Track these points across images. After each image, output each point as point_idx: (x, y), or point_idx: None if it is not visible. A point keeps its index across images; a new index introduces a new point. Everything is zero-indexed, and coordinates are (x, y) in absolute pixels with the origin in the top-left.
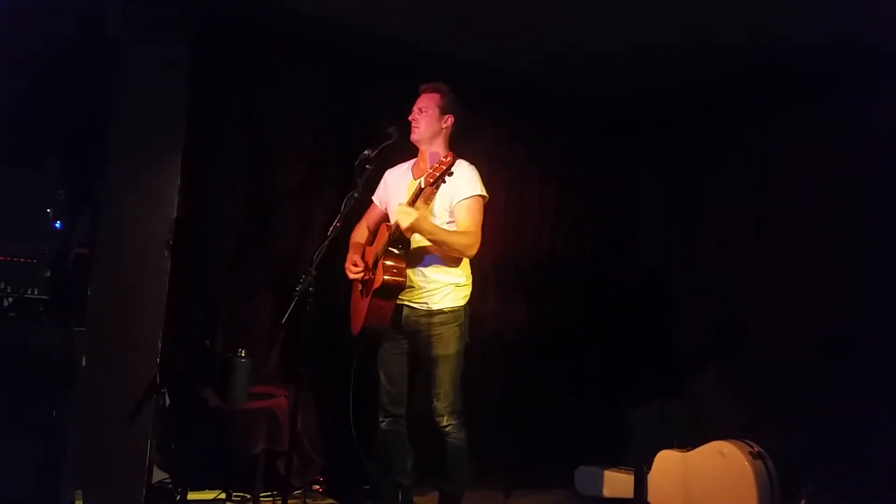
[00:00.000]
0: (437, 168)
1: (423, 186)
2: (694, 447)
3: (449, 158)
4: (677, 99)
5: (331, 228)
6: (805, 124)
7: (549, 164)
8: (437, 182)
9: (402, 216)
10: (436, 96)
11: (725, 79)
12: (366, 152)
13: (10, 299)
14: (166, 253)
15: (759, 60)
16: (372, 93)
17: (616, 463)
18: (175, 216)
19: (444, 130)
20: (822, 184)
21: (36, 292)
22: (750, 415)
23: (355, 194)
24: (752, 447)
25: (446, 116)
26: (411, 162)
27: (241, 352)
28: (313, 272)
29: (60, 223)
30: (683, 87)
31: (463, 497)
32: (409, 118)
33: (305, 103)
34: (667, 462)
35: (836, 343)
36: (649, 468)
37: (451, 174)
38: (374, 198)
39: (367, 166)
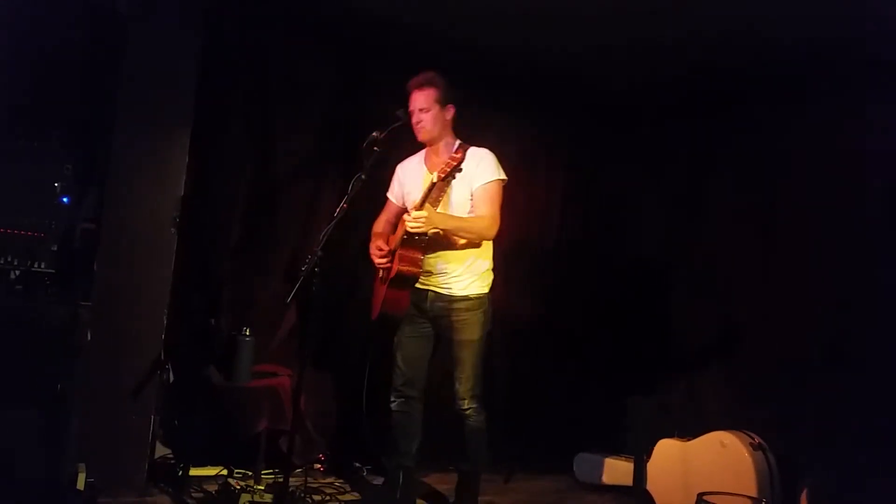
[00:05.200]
0: (447, 164)
1: (434, 182)
2: (694, 437)
3: (459, 155)
4: (686, 91)
5: (337, 210)
6: (808, 122)
7: (557, 154)
8: (448, 178)
9: (413, 223)
10: (433, 91)
11: (733, 72)
12: (374, 134)
13: (17, 273)
14: (173, 230)
15: (767, 54)
16: (380, 75)
17: (616, 451)
18: (182, 194)
19: (448, 122)
20: (825, 181)
21: (42, 266)
22: (751, 406)
23: (362, 176)
24: (753, 438)
25: (447, 107)
26: (422, 154)
27: (245, 330)
28: (319, 253)
29: (68, 198)
30: (691, 79)
31: (481, 477)
32: (412, 120)
33: (313, 84)
34: (667, 451)
35: (839, 336)
36: (649, 457)
37: (460, 170)
38: (388, 194)
39: (375, 148)
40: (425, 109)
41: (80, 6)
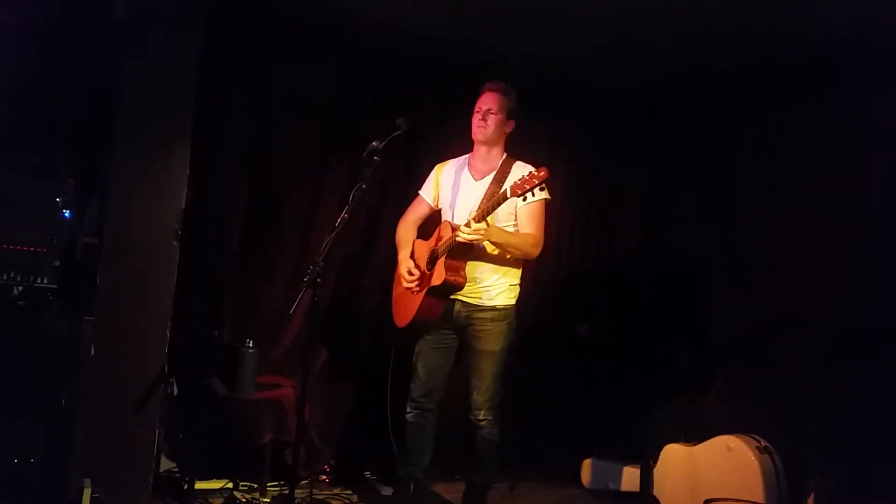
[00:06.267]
0: (527, 181)
1: (508, 196)
2: (700, 441)
3: (543, 174)
4: (686, 92)
5: (339, 220)
6: (809, 122)
7: (560, 156)
8: (525, 194)
9: (472, 235)
10: (505, 100)
11: (750, 69)
12: (373, 144)
13: (20, 288)
14: (175, 243)
15: (794, 47)
16: (380, 84)
17: (622, 456)
18: (183, 206)
19: (505, 135)
20: (825, 183)
21: (45, 281)
22: (757, 409)
23: (363, 186)
24: (759, 441)
25: (510, 122)
26: (464, 159)
27: (248, 342)
28: (321, 263)
29: (69, 212)
30: (693, 80)
31: (490, 488)
32: (477, 117)
33: (313, 94)
34: (673, 456)
35: (844, 338)
36: (655, 462)
37: (542, 189)
38: (422, 193)
39: (375, 158)
40: (493, 112)
41: (79, 19)
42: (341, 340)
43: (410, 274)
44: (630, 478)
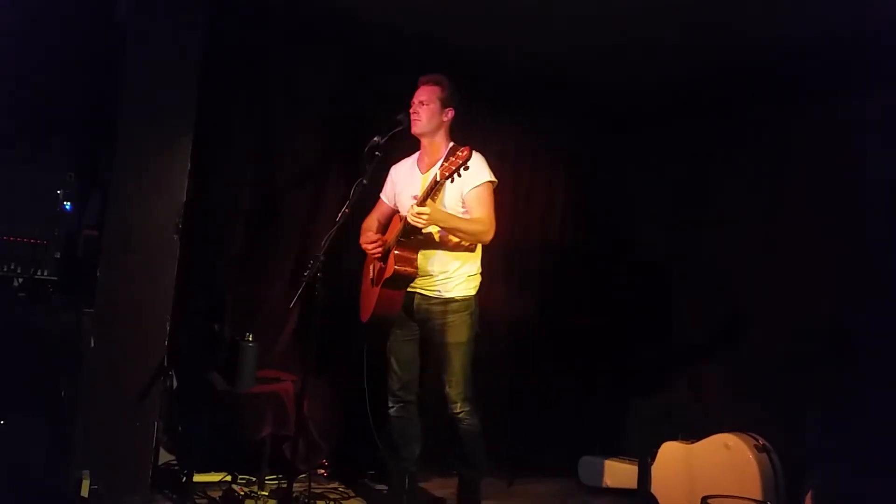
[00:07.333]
0: (453, 162)
1: (438, 179)
2: (699, 439)
3: (465, 153)
4: (683, 93)
5: (339, 214)
6: (809, 121)
7: (555, 156)
8: (452, 175)
9: (416, 218)
10: (437, 89)
11: (732, 74)
12: (375, 139)
13: (21, 280)
14: (175, 236)
15: (766, 56)
16: (381, 80)
17: (620, 453)
18: (184, 200)
19: (444, 123)
20: (825, 179)
21: (46, 273)
22: (755, 408)
23: (364, 181)
24: (758, 440)
25: (447, 109)
26: (415, 156)
27: (248, 336)
28: (322, 258)
29: (70, 205)
30: (689, 82)
31: (482, 480)
32: (410, 111)
33: (315, 90)
34: (671, 454)
35: (841, 335)
36: (653, 459)
37: (467, 168)
38: (381, 195)
39: (377, 153)
40: (425, 103)
41: (81, 13)
42: (340, 335)
43: (370, 242)
44: (628, 475)
